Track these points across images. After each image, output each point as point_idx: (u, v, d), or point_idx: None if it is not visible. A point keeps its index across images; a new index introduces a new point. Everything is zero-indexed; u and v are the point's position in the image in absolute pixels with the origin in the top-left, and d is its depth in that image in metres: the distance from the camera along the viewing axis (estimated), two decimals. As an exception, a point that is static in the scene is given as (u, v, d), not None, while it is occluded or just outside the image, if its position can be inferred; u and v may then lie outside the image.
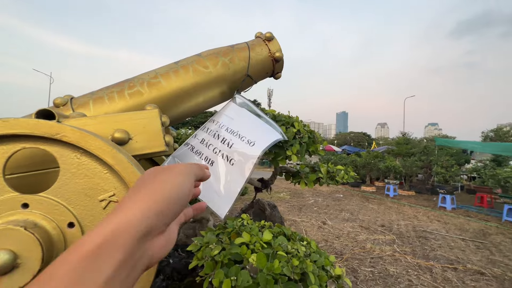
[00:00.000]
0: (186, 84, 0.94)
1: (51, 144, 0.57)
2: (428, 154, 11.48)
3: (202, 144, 0.92)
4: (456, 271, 3.86)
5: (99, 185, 0.59)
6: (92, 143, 0.57)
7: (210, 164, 0.86)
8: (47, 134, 0.54)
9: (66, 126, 0.56)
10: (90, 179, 0.58)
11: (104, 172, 0.59)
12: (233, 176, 0.83)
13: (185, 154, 0.92)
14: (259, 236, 0.67)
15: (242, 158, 0.87)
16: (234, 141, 0.91)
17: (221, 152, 0.88)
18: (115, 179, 0.59)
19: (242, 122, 0.98)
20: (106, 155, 0.58)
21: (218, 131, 0.95)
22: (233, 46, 1.06)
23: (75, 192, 0.57)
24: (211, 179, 0.82)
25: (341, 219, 6.72)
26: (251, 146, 0.89)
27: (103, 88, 0.92)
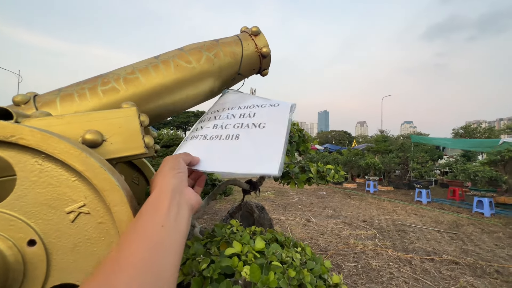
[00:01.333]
0: (167, 80, 0.87)
1: (5, 149, 0.48)
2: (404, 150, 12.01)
3: (217, 129, 0.81)
4: (433, 262, 4.04)
5: (66, 194, 0.51)
6: (56, 146, 0.49)
7: (234, 139, 0.77)
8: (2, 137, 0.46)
9: (23, 127, 0.48)
10: (55, 188, 0.50)
11: (72, 180, 0.51)
12: (269, 134, 0.76)
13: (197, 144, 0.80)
14: (251, 244, 0.62)
15: (272, 118, 0.79)
16: (256, 110, 0.84)
17: (246, 124, 0.80)
18: (85, 187, 0.51)
19: (251, 97, 0.93)
20: (73, 160, 0.50)
21: (230, 112, 0.87)
22: (218, 40, 1.00)
23: (36, 204, 0.49)
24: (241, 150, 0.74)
25: (325, 216, 6.83)
26: (277, 107, 0.84)
27: (73, 84, 0.82)
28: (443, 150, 15.71)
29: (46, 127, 0.63)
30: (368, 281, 3.37)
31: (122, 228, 0.52)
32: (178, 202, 0.52)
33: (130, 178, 1.24)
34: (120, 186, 0.52)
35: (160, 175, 0.57)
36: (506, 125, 23.10)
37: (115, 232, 0.52)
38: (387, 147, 14.51)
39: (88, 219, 0.52)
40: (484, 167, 8.04)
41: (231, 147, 0.75)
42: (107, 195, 0.51)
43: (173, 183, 0.54)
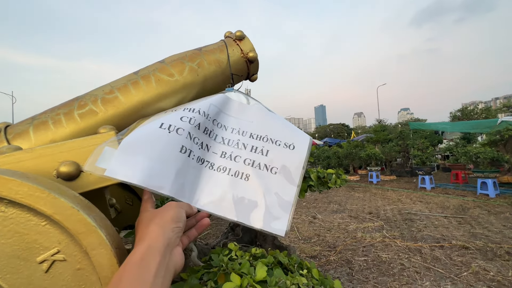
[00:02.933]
0: (148, 96, 0.80)
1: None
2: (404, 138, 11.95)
3: (225, 159, 0.74)
4: (443, 248, 3.98)
5: (36, 242, 0.44)
6: (18, 189, 0.43)
7: (245, 179, 0.70)
8: None
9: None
10: (23, 236, 0.44)
11: (42, 225, 0.45)
12: (280, 185, 0.70)
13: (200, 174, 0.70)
14: (252, 274, 0.56)
15: (286, 164, 0.74)
16: (269, 147, 0.77)
17: (257, 163, 0.74)
18: (57, 231, 0.45)
19: (263, 122, 0.83)
20: (40, 203, 0.44)
21: (241, 139, 0.78)
22: (201, 49, 0.94)
23: (2, 257, 0.43)
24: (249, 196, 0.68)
25: (330, 211, 6.78)
26: (292, 149, 0.78)
27: (47, 111, 0.75)
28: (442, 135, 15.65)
29: (16, 163, 0.57)
30: (379, 274, 3.31)
31: (103, 273, 0.46)
32: (167, 265, 0.46)
33: (123, 199, 1.18)
34: (98, 226, 0.46)
35: (159, 220, 0.51)
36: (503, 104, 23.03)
37: (96, 278, 0.46)
38: (386, 136, 14.45)
39: (65, 267, 0.46)
40: (485, 148, 7.99)
41: (239, 189, 0.69)
42: (83, 238, 0.45)
43: (168, 238, 0.49)
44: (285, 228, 0.65)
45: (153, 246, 0.46)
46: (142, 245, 0.46)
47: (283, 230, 0.64)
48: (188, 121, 0.71)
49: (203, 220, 0.62)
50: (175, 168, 0.63)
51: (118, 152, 0.59)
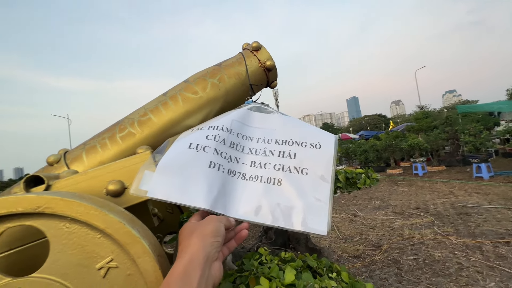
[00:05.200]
0: (177, 114, 0.88)
1: (36, 218, 0.52)
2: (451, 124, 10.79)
3: (255, 167, 0.76)
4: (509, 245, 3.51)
5: (94, 252, 0.53)
6: (77, 209, 0.51)
7: (277, 184, 0.72)
8: (28, 210, 0.50)
9: (47, 197, 0.51)
10: (84, 248, 0.53)
11: (98, 237, 0.53)
12: (313, 184, 0.71)
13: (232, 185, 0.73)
14: (280, 277, 0.58)
15: (316, 164, 0.74)
16: (296, 149, 0.78)
17: (287, 166, 0.75)
18: (110, 243, 0.53)
19: (286, 128, 0.86)
20: (95, 219, 0.52)
21: (267, 147, 0.81)
22: (220, 64, 0.99)
23: (70, 265, 0.52)
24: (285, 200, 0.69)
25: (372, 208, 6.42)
26: (319, 148, 0.78)
27: (95, 136, 0.88)
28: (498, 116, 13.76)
29: (74, 185, 0.68)
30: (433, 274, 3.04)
31: (148, 278, 0.52)
32: (207, 278, 0.48)
33: (164, 208, 1.28)
34: (141, 237, 0.53)
35: (199, 234, 0.53)
36: None
37: (144, 283, 0.53)
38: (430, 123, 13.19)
39: (118, 273, 0.53)
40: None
41: (273, 194, 0.70)
42: (130, 248, 0.52)
43: (208, 252, 0.51)
44: (326, 227, 0.63)
45: (194, 259, 0.48)
46: (184, 257, 0.48)
47: (324, 230, 0.63)
48: (213, 138, 0.75)
49: (241, 232, 0.64)
50: (206, 183, 0.67)
51: (156, 175, 0.66)
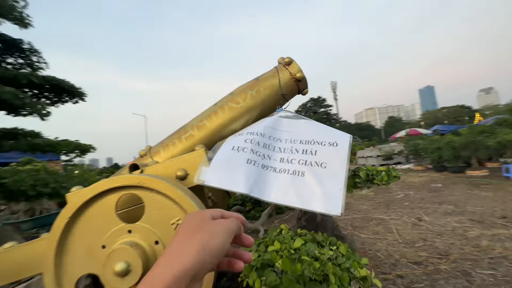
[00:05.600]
0: (224, 120, 1.15)
1: (138, 190, 0.85)
2: None
3: (284, 163, 0.97)
4: None
5: (169, 213, 0.83)
6: (160, 186, 0.82)
7: (301, 175, 0.91)
8: (134, 184, 0.83)
9: (144, 177, 0.84)
10: (164, 210, 0.83)
11: (171, 204, 0.83)
12: (330, 175, 0.88)
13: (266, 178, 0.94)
14: (290, 244, 0.77)
15: (332, 159, 0.92)
16: (316, 148, 0.96)
17: (309, 161, 0.94)
18: (178, 208, 0.82)
19: (309, 129, 1.06)
20: (169, 193, 0.82)
21: (293, 146, 1.00)
22: (258, 78, 1.21)
23: (155, 220, 0.83)
24: (308, 187, 0.88)
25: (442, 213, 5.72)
26: (335, 146, 0.96)
27: (168, 137, 1.22)
28: None
29: (155, 172, 1.01)
30: (514, 295, 2.66)
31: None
32: None
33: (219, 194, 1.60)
34: (196, 206, 0.81)
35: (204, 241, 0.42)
36: None
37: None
38: (532, 115, 10.58)
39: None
40: None
41: (298, 183, 0.88)
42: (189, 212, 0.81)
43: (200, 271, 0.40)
44: (340, 210, 0.80)
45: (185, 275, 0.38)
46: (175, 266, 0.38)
47: (338, 212, 0.81)
48: (250, 141, 0.99)
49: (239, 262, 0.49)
50: (244, 174, 0.91)
51: (210, 170, 0.95)
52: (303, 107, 58.17)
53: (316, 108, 55.78)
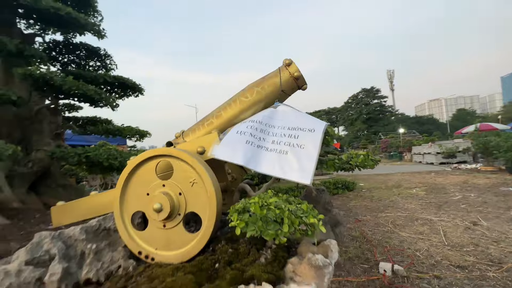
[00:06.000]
0: (236, 111, 1.48)
1: (169, 158, 1.24)
2: None
3: (274, 144, 1.27)
4: None
5: (189, 175, 1.20)
6: (184, 156, 1.19)
7: (285, 153, 1.20)
8: (166, 154, 1.22)
9: (173, 149, 1.22)
10: (186, 173, 1.21)
11: (191, 169, 1.20)
12: (306, 154, 1.15)
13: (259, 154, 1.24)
14: (267, 199, 1.04)
15: (309, 141, 1.19)
16: (299, 133, 1.24)
17: (292, 143, 1.22)
18: (194, 172, 1.19)
19: (296, 119, 1.33)
20: (189, 161, 1.18)
21: (282, 131, 1.30)
22: (264, 77, 1.49)
23: (180, 179, 1.21)
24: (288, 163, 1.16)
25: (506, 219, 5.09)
26: (313, 132, 1.23)
27: (196, 123, 1.61)
28: None
29: (183, 147, 1.40)
30: None
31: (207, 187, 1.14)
32: None
33: (239, 173, 1.95)
34: (207, 173, 1.16)
35: None
36: None
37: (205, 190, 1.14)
38: None
39: (197, 185, 1.17)
40: None
41: (282, 159, 1.18)
42: (202, 175, 1.15)
43: None
44: (309, 180, 1.07)
45: None
46: None
47: (308, 181, 1.07)
48: (250, 127, 1.29)
49: None
50: (243, 151, 1.22)
51: (219, 147, 1.29)
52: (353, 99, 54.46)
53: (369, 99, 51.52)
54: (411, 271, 3.69)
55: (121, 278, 1.16)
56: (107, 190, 1.53)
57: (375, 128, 46.39)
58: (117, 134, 3.43)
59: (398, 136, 26.08)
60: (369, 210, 7.61)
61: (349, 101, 56.56)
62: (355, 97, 54.34)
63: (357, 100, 53.75)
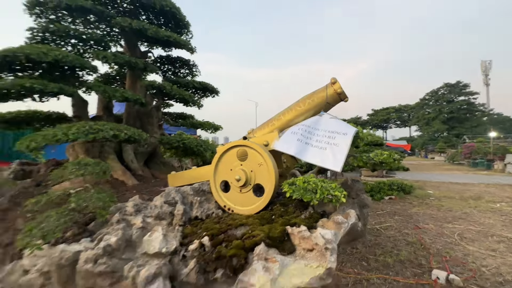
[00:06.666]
0: (291, 117, 2.06)
1: (245, 147, 1.91)
2: None
3: (318, 142, 1.82)
4: None
5: (258, 159, 1.85)
6: (255, 146, 1.84)
7: (324, 149, 1.77)
8: (243, 144, 1.89)
9: (248, 141, 1.88)
10: (255, 157, 1.86)
11: (259, 156, 1.84)
12: (339, 150, 1.69)
13: (306, 149, 1.86)
14: (308, 178, 1.57)
15: (342, 141, 1.73)
16: (335, 135, 1.78)
17: (330, 142, 1.77)
18: (261, 158, 1.82)
19: (334, 125, 1.85)
20: (259, 150, 1.83)
21: (323, 133, 1.83)
22: (315, 91, 2.01)
23: (252, 161, 1.87)
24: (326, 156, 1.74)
25: None
26: (345, 135, 1.77)
27: (263, 123, 2.25)
28: None
29: (254, 140, 2.06)
30: None
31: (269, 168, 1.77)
32: None
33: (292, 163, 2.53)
34: (270, 159, 1.78)
35: None
36: None
37: (267, 169, 1.78)
38: None
39: (263, 166, 1.81)
40: None
41: (322, 153, 1.75)
42: (267, 160, 1.78)
43: None
44: (339, 169, 1.59)
45: None
46: None
47: (338, 169, 1.60)
48: (301, 129, 1.90)
49: None
50: (295, 145, 1.83)
51: (278, 142, 1.93)
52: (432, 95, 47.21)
53: (452, 96, 43.81)
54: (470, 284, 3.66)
55: (215, 218, 1.91)
56: (204, 166, 2.33)
57: (458, 130, 39.52)
58: (199, 127, 4.42)
59: (488, 140, 21.95)
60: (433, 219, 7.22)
61: (426, 97, 49.45)
62: (435, 93, 47.11)
63: (437, 97, 46.55)
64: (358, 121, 73.46)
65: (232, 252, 1.36)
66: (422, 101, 50.80)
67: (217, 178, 2.05)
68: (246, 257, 1.36)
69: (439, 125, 43.06)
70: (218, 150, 2.08)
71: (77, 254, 1.64)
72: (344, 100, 1.98)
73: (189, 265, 1.45)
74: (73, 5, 3.00)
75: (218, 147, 2.14)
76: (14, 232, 2.32)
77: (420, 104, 51.15)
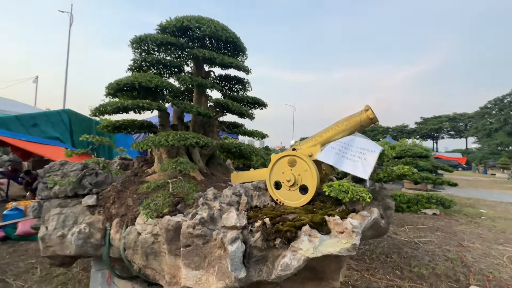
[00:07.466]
0: (331, 135, 2.62)
1: (294, 157, 2.54)
2: None
3: (352, 156, 2.35)
4: None
5: (304, 166, 2.46)
6: (302, 156, 2.45)
7: (355, 162, 2.31)
8: (293, 154, 2.51)
9: (297, 152, 2.51)
10: (302, 165, 2.48)
11: (305, 163, 2.45)
12: (367, 163, 2.19)
13: (342, 160, 2.47)
14: (342, 183, 2.13)
15: (370, 157, 2.22)
16: (365, 152, 2.27)
17: (361, 157, 2.28)
18: (307, 165, 2.43)
19: (365, 143, 2.35)
20: (305, 159, 2.42)
21: (356, 149, 2.35)
22: (351, 115, 2.57)
23: (300, 168, 2.50)
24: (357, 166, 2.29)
25: None
26: (373, 152, 2.29)
27: (309, 137, 2.86)
28: None
29: (301, 151, 2.70)
30: None
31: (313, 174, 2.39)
32: None
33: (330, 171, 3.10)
34: (313, 166, 2.39)
35: None
36: None
37: (311, 174, 2.40)
38: None
39: (308, 171, 2.44)
40: None
41: (354, 164, 2.32)
42: (311, 167, 2.41)
43: None
44: (367, 177, 2.15)
45: None
46: None
47: (366, 177, 2.16)
48: (338, 145, 2.51)
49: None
50: (333, 157, 2.43)
51: (320, 154, 2.55)
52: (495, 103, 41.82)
53: (522, 105, 38.33)
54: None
55: (270, 207, 2.59)
56: (261, 168, 3.04)
57: (527, 144, 34.45)
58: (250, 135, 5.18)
59: None
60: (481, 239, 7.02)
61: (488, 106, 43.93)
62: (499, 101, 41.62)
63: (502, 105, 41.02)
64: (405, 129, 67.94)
65: (286, 228, 2.01)
66: (483, 109, 45.21)
67: (272, 178, 2.72)
68: (296, 232, 2.00)
69: (503, 137, 37.88)
70: (273, 157, 2.74)
71: (179, 223, 2.46)
72: (375, 123, 2.50)
73: (256, 236, 2.14)
74: (164, 41, 3.99)
75: (272, 155, 2.82)
76: (127, 207, 3.30)
77: (481, 113, 45.53)
